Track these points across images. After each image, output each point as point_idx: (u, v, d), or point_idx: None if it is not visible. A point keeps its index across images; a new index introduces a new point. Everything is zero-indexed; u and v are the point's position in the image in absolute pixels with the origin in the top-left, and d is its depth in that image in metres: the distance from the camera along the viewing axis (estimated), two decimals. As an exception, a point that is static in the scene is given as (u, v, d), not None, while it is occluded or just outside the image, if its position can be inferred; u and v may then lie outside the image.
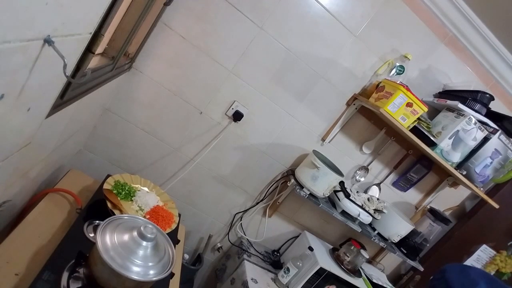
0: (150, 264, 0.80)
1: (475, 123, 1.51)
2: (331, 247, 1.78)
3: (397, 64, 1.54)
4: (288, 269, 1.56)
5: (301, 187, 1.55)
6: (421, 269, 1.76)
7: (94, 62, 0.95)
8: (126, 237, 0.81)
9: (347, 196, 1.58)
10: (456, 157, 1.58)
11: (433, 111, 1.68)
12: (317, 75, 1.55)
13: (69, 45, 0.65)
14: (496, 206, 1.63)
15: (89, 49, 0.75)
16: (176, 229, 1.25)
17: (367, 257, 1.62)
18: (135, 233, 0.82)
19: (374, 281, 1.76)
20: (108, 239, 0.78)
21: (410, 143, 1.63)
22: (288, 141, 1.67)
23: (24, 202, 1.06)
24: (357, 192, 1.72)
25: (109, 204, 1.08)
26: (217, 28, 1.41)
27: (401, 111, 1.39)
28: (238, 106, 1.55)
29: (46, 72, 0.63)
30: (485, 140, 1.57)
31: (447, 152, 1.56)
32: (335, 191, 1.64)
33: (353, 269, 1.61)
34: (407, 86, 1.40)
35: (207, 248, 1.78)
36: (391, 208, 1.76)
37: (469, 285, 0.63)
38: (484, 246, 1.96)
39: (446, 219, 1.77)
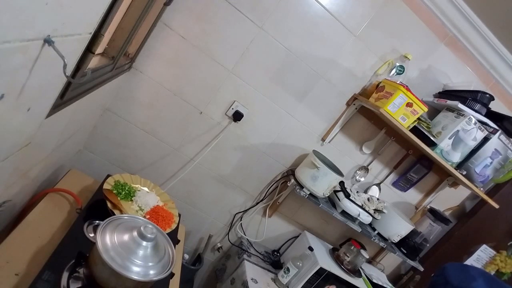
0: (150, 264, 0.80)
1: (475, 123, 1.51)
2: (331, 247, 1.78)
3: (397, 64, 1.54)
4: (288, 269, 1.56)
5: (301, 187, 1.55)
6: (421, 269, 1.76)
7: (94, 62, 0.95)
8: (126, 237, 0.81)
9: (347, 196, 1.58)
10: (456, 157, 1.58)
11: (433, 111, 1.68)
12: (317, 75, 1.55)
13: (69, 45, 0.65)
14: (496, 206, 1.63)
15: (89, 49, 0.75)
16: (176, 229, 1.25)
17: (367, 257, 1.62)
18: (135, 233, 0.82)
19: (374, 281, 1.76)
20: (108, 239, 0.78)
21: (410, 143, 1.63)
22: (288, 141, 1.67)
23: (24, 202, 1.05)
24: (357, 192, 1.72)
25: (109, 204, 1.08)
26: (217, 28, 1.41)
27: (401, 111, 1.39)
28: (238, 106, 1.55)
29: (46, 72, 0.63)
30: (485, 140, 1.57)
31: (447, 152, 1.56)
32: (335, 191, 1.64)
33: (353, 269, 1.61)
34: (407, 86, 1.40)
35: (207, 248, 1.78)
36: (391, 208, 1.76)
37: (467, 280, 0.64)
38: (484, 246, 1.96)
39: (446, 219, 1.77)
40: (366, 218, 1.61)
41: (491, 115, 1.55)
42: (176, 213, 1.31)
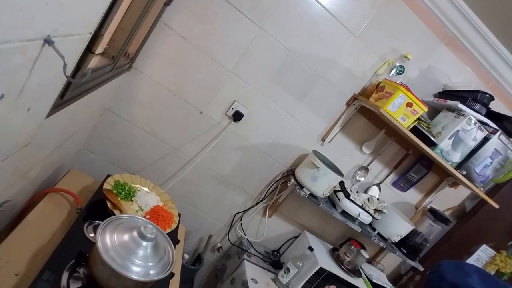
0: (150, 264, 0.80)
1: (475, 123, 1.51)
2: (331, 247, 1.78)
3: (397, 64, 1.54)
4: (288, 269, 1.56)
5: (301, 187, 1.55)
6: (421, 269, 1.76)
7: (94, 62, 0.95)
8: (126, 237, 0.81)
9: (347, 196, 1.58)
10: (456, 157, 1.58)
11: (433, 111, 1.68)
12: (317, 75, 1.55)
13: (69, 45, 0.65)
14: (496, 206, 1.63)
15: (89, 49, 0.75)
16: (176, 229, 1.25)
17: (367, 257, 1.62)
18: (135, 233, 0.82)
19: (374, 281, 1.76)
20: (108, 239, 0.78)
21: (410, 143, 1.63)
22: (288, 141, 1.67)
23: (24, 202, 1.05)
24: (357, 192, 1.72)
25: (109, 204, 1.08)
26: (217, 28, 1.41)
27: (401, 111, 1.39)
28: (238, 106, 1.55)
29: (46, 72, 0.63)
30: (485, 140, 1.57)
31: (447, 152, 1.56)
32: (335, 191, 1.64)
33: (353, 269, 1.61)
34: (407, 86, 1.40)
35: (207, 248, 1.78)
36: (391, 208, 1.76)
37: (461, 276, 0.64)
38: (484, 246, 1.96)
39: (446, 219, 1.77)
40: (366, 218, 1.61)
41: (491, 115, 1.55)
42: (176, 213, 1.31)
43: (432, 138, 1.52)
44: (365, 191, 1.81)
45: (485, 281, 0.63)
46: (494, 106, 1.58)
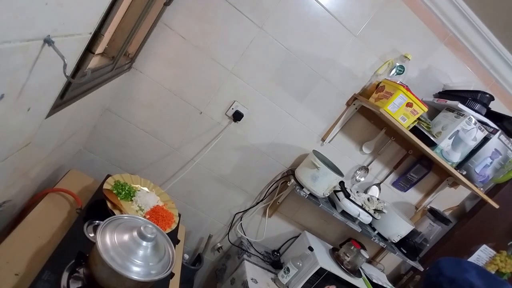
0: (150, 264, 0.81)
1: (475, 123, 1.51)
2: (331, 247, 1.78)
3: (397, 64, 1.54)
4: (288, 269, 1.56)
5: (301, 187, 1.55)
6: (421, 269, 1.76)
7: (94, 62, 0.95)
8: (126, 237, 0.81)
9: (347, 196, 1.58)
10: (456, 157, 1.58)
11: (433, 111, 1.68)
12: (317, 75, 1.55)
13: (69, 45, 0.65)
14: (496, 206, 1.63)
15: (89, 49, 0.75)
16: (176, 229, 1.25)
17: (367, 257, 1.62)
18: (135, 233, 0.82)
19: (374, 281, 1.76)
20: (108, 239, 0.78)
21: (410, 143, 1.63)
22: (288, 141, 1.67)
23: (24, 202, 1.06)
24: (357, 192, 1.72)
25: (109, 204, 1.08)
26: (217, 28, 1.41)
27: (401, 111, 1.39)
28: (238, 106, 1.55)
29: (46, 72, 0.63)
30: (485, 140, 1.57)
31: (447, 152, 1.56)
32: (335, 191, 1.64)
33: (353, 269, 1.61)
34: (407, 86, 1.40)
35: (207, 248, 1.78)
36: (391, 208, 1.76)
37: (459, 272, 0.65)
38: (484, 246, 1.96)
39: (446, 219, 1.77)
40: (366, 218, 1.61)
41: (491, 115, 1.55)
42: (176, 213, 1.31)
43: (432, 138, 1.52)
44: (365, 191, 1.81)
45: (483, 277, 0.64)
46: (494, 106, 1.58)
